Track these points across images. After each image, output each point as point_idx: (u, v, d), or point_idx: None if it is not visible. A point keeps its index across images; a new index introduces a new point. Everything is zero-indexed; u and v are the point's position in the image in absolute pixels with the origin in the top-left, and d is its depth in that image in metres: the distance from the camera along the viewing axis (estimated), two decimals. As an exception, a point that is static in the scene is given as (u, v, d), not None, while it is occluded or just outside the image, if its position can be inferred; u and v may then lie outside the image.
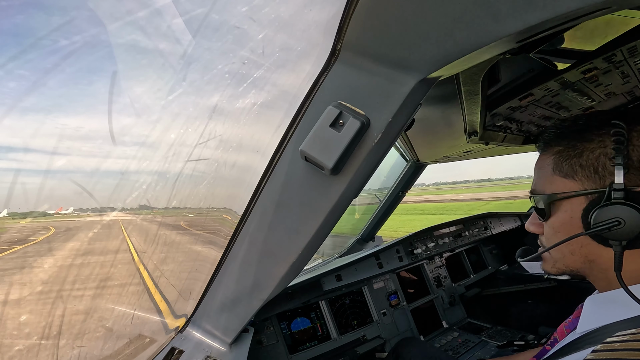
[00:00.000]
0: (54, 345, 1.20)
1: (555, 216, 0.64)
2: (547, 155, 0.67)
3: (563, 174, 0.62)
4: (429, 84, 0.62)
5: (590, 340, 0.57)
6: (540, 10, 0.42)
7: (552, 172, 0.64)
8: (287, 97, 0.73)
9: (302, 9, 0.66)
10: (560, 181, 0.63)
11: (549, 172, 0.65)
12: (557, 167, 0.63)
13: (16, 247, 1.95)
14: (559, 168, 0.63)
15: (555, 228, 0.64)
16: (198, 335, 1.07)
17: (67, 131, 0.90)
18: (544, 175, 0.66)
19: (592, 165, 0.58)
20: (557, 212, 0.64)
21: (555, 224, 0.64)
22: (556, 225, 0.64)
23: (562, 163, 0.63)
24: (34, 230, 1.76)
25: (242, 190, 0.87)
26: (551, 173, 0.64)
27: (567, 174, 0.62)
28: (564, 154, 0.63)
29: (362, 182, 0.72)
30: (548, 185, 0.65)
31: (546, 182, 0.65)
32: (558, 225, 0.64)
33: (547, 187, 0.65)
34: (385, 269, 2.08)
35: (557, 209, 0.63)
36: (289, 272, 0.85)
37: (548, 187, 0.65)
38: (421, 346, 1.58)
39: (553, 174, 0.64)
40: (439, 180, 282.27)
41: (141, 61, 0.90)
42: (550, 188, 0.64)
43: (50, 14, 0.86)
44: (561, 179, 0.63)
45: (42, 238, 1.92)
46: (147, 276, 1.51)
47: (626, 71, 0.98)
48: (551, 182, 0.64)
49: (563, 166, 0.62)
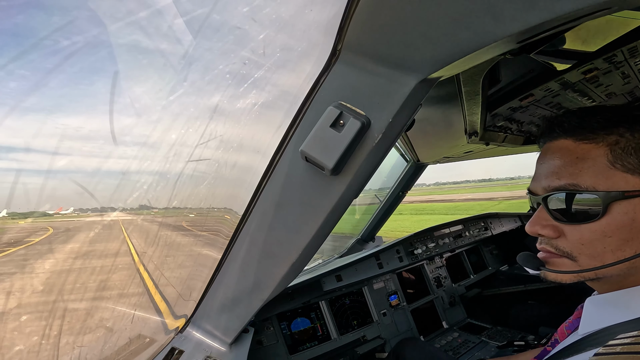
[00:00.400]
0: (54, 345, 1.20)
1: (611, 218, 0.54)
2: (594, 145, 0.57)
3: (626, 169, 0.54)
4: (430, 84, 0.62)
5: (592, 341, 0.56)
6: (541, 10, 0.42)
7: (610, 165, 0.55)
8: (288, 97, 0.73)
9: (303, 9, 0.67)
10: (621, 176, 0.54)
11: (603, 165, 0.55)
12: (618, 159, 0.54)
13: (11, 249, 1.95)
14: (620, 161, 0.54)
15: (607, 232, 0.54)
16: (198, 335, 1.07)
17: (68, 131, 0.90)
18: (594, 169, 0.56)
19: None
20: (612, 213, 0.54)
21: (610, 227, 0.54)
22: (610, 229, 0.54)
23: (627, 156, 0.54)
24: (31, 231, 1.76)
25: (242, 190, 0.87)
26: (608, 166, 0.55)
27: (633, 169, 0.53)
28: (628, 144, 0.54)
29: (363, 183, 0.72)
30: (603, 180, 0.55)
31: (599, 176, 0.55)
32: (612, 229, 0.54)
33: (602, 182, 0.55)
34: (386, 269, 2.08)
35: (614, 210, 0.54)
36: (289, 272, 0.85)
37: (603, 183, 0.55)
38: (421, 346, 1.58)
39: (611, 168, 0.54)
40: (440, 180, 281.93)
41: (142, 61, 0.90)
42: (607, 184, 0.54)
43: (51, 14, 0.86)
44: (623, 174, 0.54)
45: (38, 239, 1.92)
46: (148, 276, 1.51)
47: (627, 72, 0.98)
48: (608, 177, 0.54)
49: (628, 159, 0.54)
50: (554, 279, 0.62)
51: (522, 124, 1.47)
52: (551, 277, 0.62)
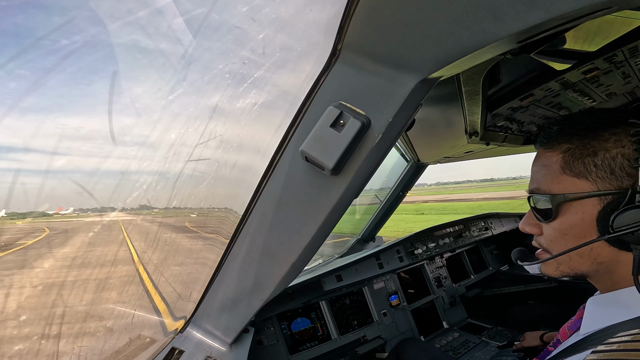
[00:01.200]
0: (54, 345, 1.20)
1: (564, 217, 0.61)
2: (553, 153, 0.63)
3: (574, 174, 0.59)
4: (430, 84, 0.61)
5: (594, 341, 0.57)
6: (541, 10, 0.42)
7: (561, 170, 0.61)
8: (288, 97, 0.73)
9: (303, 9, 0.66)
10: (570, 181, 0.60)
11: (556, 171, 0.61)
12: (568, 165, 0.60)
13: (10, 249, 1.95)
14: (569, 167, 0.60)
15: (563, 230, 0.61)
16: (198, 335, 1.07)
17: (67, 131, 0.90)
18: (551, 174, 0.62)
19: (609, 165, 0.56)
20: (566, 213, 0.60)
21: (563, 225, 0.61)
22: (564, 227, 0.61)
23: (574, 162, 0.59)
24: (30, 231, 1.76)
25: (242, 190, 0.87)
26: (559, 172, 0.61)
27: (580, 173, 0.58)
28: (575, 152, 0.59)
29: (363, 183, 0.72)
30: (556, 184, 0.61)
31: (554, 181, 0.62)
32: (566, 227, 0.60)
33: (555, 186, 0.61)
34: (386, 269, 2.08)
35: (565, 210, 0.60)
36: (289, 272, 0.85)
37: (556, 187, 0.61)
38: (422, 346, 1.58)
39: (562, 173, 0.60)
40: (441, 180, 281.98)
41: (141, 61, 0.90)
42: (559, 188, 0.61)
43: (50, 14, 0.86)
44: (572, 179, 0.59)
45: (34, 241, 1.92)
46: (147, 276, 1.51)
47: (627, 71, 0.98)
48: (560, 182, 0.61)
49: (575, 165, 0.59)
50: (542, 271, 0.69)
51: (523, 124, 1.46)
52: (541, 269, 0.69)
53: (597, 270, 0.61)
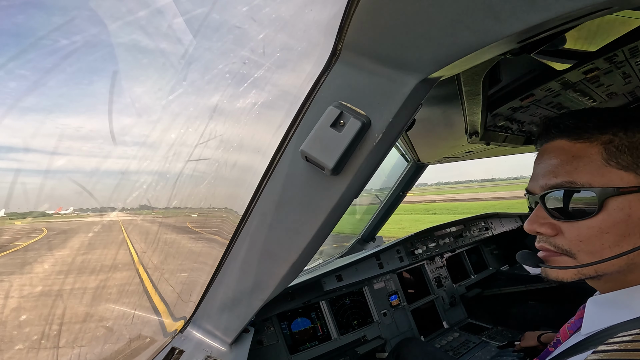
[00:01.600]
0: (53, 344, 1.20)
1: (606, 214, 0.55)
2: (589, 144, 0.58)
3: (621, 166, 0.55)
4: (430, 84, 0.61)
5: (595, 341, 0.56)
6: (542, 10, 0.42)
7: (605, 162, 0.56)
8: (288, 97, 0.73)
9: (303, 9, 0.66)
10: (616, 174, 0.55)
11: (598, 163, 0.56)
12: (613, 157, 0.55)
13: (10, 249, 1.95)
14: (614, 159, 0.55)
15: (604, 228, 0.55)
16: (198, 335, 1.07)
17: (67, 131, 0.90)
18: (590, 166, 0.57)
19: None
20: (608, 209, 0.55)
21: (606, 223, 0.55)
22: (606, 225, 0.55)
23: (620, 154, 0.55)
24: (28, 231, 1.76)
25: (242, 190, 0.87)
26: (602, 164, 0.56)
27: (627, 166, 0.54)
28: (622, 143, 0.55)
29: (363, 183, 0.72)
30: (598, 177, 0.56)
31: (595, 173, 0.56)
32: (609, 225, 0.55)
33: (597, 179, 0.56)
34: (386, 269, 2.08)
35: (607, 206, 0.55)
36: (289, 272, 0.85)
37: (598, 180, 0.56)
38: (422, 346, 1.57)
39: (606, 165, 0.56)
40: (441, 180, 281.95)
41: (142, 61, 0.90)
42: (602, 181, 0.55)
43: (50, 14, 0.86)
44: (618, 171, 0.55)
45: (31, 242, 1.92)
46: (147, 276, 1.51)
47: (627, 71, 0.98)
48: (602, 174, 0.56)
49: (621, 157, 0.55)
50: (555, 277, 0.62)
51: (523, 124, 1.46)
52: (552, 275, 0.62)
53: (620, 272, 0.57)
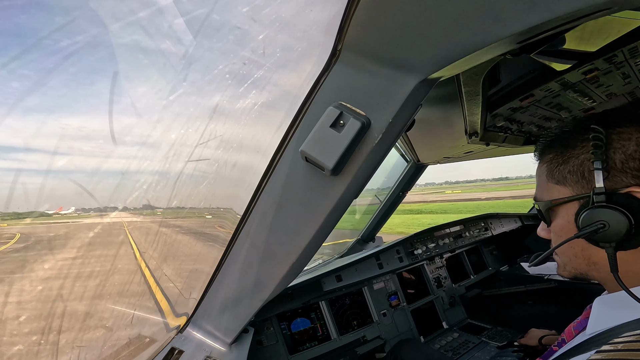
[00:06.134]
0: (53, 344, 1.20)
1: (556, 221, 0.66)
2: (541, 164, 0.69)
3: (556, 181, 0.65)
4: (430, 84, 0.62)
5: (599, 341, 0.56)
6: (541, 10, 0.42)
7: (547, 179, 0.66)
8: (288, 97, 0.73)
9: (303, 9, 0.67)
10: (554, 188, 0.65)
11: (544, 180, 0.67)
12: (550, 174, 0.66)
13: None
14: (551, 175, 0.65)
15: (557, 233, 0.66)
16: (198, 335, 1.07)
17: (69, 131, 0.90)
18: (541, 183, 0.69)
19: (579, 170, 0.61)
20: (556, 217, 0.66)
21: (556, 228, 0.66)
22: (557, 230, 0.66)
23: (554, 170, 0.65)
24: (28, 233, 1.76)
25: (242, 190, 0.87)
26: (546, 180, 0.67)
27: (559, 180, 0.64)
28: (554, 161, 0.65)
29: (363, 183, 0.72)
30: (545, 192, 0.67)
31: (543, 189, 0.68)
32: (559, 230, 0.66)
33: (545, 194, 0.67)
34: (386, 270, 2.08)
35: (556, 215, 0.66)
36: (289, 272, 0.85)
37: (545, 194, 0.67)
38: (419, 347, 1.58)
39: (548, 182, 0.66)
40: (441, 180, 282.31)
41: (143, 61, 0.90)
42: (547, 195, 0.66)
43: (52, 14, 0.86)
44: (555, 186, 0.65)
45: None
46: (148, 276, 1.52)
47: (627, 72, 0.98)
48: (547, 190, 0.67)
49: (555, 173, 0.65)
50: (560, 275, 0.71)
51: (523, 124, 1.46)
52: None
53: (597, 270, 0.63)
